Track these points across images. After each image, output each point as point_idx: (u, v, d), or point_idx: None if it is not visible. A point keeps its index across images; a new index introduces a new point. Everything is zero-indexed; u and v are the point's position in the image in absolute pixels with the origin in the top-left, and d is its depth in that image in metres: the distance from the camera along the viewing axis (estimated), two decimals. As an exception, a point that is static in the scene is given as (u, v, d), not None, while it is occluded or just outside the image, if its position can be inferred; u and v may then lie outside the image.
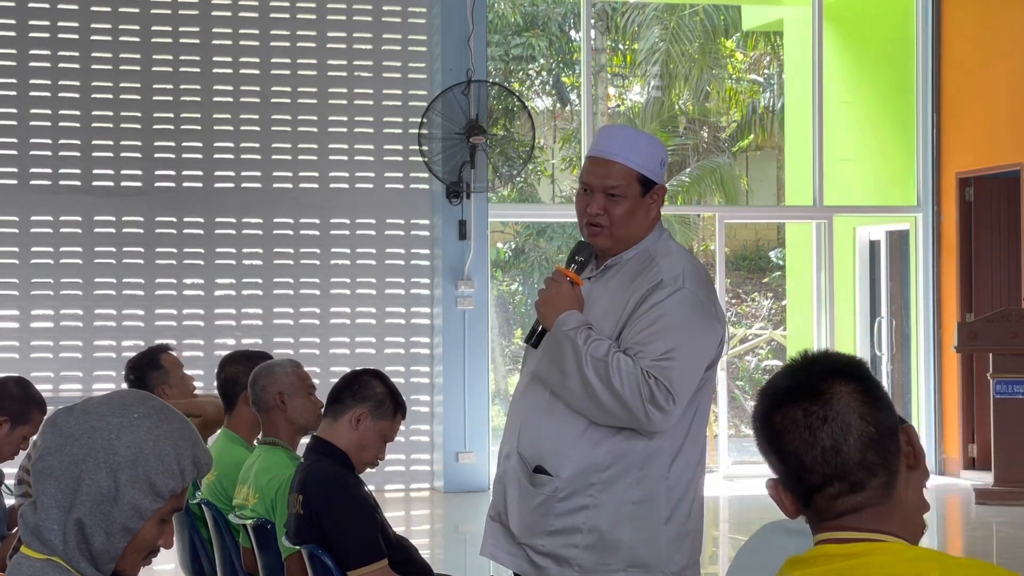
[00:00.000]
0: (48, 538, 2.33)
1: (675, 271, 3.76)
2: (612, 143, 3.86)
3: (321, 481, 4.29)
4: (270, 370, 4.98)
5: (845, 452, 2.12)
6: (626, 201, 3.81)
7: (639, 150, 3.83)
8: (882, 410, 2.15)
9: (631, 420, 3.67)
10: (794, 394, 2.16)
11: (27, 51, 11.18)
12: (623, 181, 3.81)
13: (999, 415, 10.80)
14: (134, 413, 2.38)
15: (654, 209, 3.86)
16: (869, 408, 2.14)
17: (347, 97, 11.72)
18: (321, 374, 10.77)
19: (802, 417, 2.14)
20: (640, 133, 4.01)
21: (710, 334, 3.76)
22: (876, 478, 2.14)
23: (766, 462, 2.23)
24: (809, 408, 2.14)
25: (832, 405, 2.13)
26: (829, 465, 2.13)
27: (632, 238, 3.85)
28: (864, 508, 2.15)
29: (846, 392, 2.14)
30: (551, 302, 3.79)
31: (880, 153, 13.70)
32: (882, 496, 2.15)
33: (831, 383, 2.15)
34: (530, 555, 3.79)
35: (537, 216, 17.80)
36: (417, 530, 10.36)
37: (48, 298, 11.11)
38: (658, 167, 3.85)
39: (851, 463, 2.13)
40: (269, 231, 11.52)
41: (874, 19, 13.83)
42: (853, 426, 2.13)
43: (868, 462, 2.13)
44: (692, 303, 3.73)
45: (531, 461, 3.80)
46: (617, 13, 20.21)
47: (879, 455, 2.14)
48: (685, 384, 3.67)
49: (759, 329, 20.13)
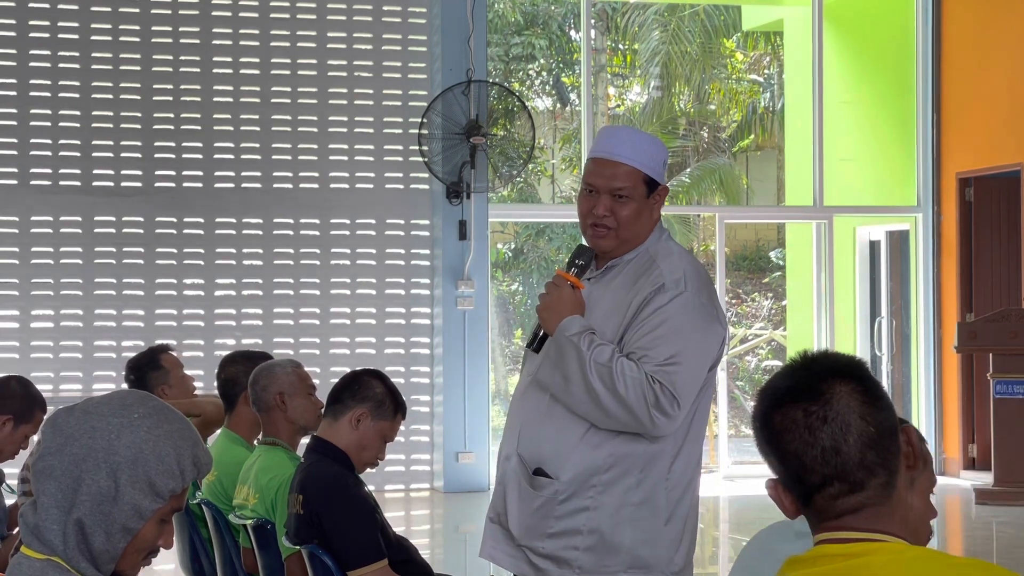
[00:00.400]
0: (48, 538, 2.33)
1: (677, 274, 3.75)
2: (617, 144, 3.84)
3: (321, 481, 4.29)
4: (270, 370, 4.98)
5: (845, 452, 2.12)
6: (632, 203, 3.80)
7: (644, 151, 3.82)
8: (882, 410, 2.16)
9: (636, 425, 3.66)
10: (794, 394, 2.16)
11: (27, 51, 11.18)
12: (630, 183, 3.79)
13: (999, 415, 10.80)
14: (134, 413, 2.38)
15: (656, 210, 3.86)
16: (869, 408, 2.14)
17: (347, 97, 11.72)
18: (321, 374, 10.77)
19: (802, 417, 2.14)
20: (642, 134, 4.00)
21: (712, 336, 3.76)
22: (876, 478, 2.14)
23: (766, 462, 2.23)
24: (809, 408, 2.14)
25: (832, 405, 2.13)
26: (829, 465, 2.13)
27: (636, 239, 3.85)
28: (864, 508, 2.15)
29: (846, 392, 2.14)
30: (553, 307, 3.78)
31: (880, 153, 13.70)
32: (882, 496, 2.15)
33: (831, 383, 2.15)
34: (530, 557, 3.79)
35: (537, 216, 17.79)
36: (417, 530, 10.36)
37: (48, 298, 11.11)
38: (661, 168, 3.84)
39: (851, 463, 2.13)
40: (269, 231, 11.52)
41: (874, 19, 13.83)
42: (853, 426, 2.13)
43: (868, 462, 2.13)
44: (694, 306, 3.73)
45: (531, 463, 3.79)
46: (617, 13, 20.21)
47: (879, 455, 2.14)
48: (689, 388, 3.68)
49: (759, 329, 20.13)
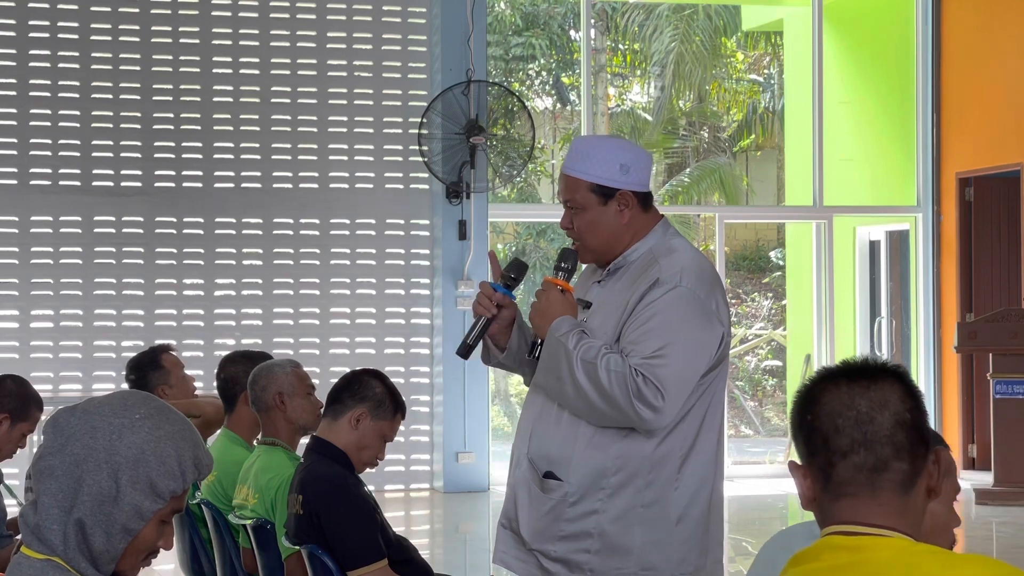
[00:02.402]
0: (48, 538, 2.33)
1: (674, 269, 3.72)
2: (570, 157, 3.89)
3: (321, 481, 4.29)
4: (270, 370, 4.98)
5: (878, 422, 2.18)
6: (585, 213, 3.83)
7: (593, 159, 3.81)
8: (921, 411, 2.22)
9: (623, 419, 3.65)
10: (844, 372, 2.24)
11: (27, 51, 11.17)
12: (576, 193, 3.83)
13: (999, 415, 10.80)
14: (136, 414, 2.38)
15: (626, 214, 3.82)
16: (909, 402, 2.21)
17: (347, 97, 11.71)
18: (321, 374, 10.77)
19: (845, 386, 2.22)
20: (601, 141, 3.98)
21: (708, 332, 3.71)
22: (899, 461, 2.17)
23: (795, 442, 2.29)
24: (854, 382, 2.22)
25: (877, 384, 2.21)
26: (860, 430, 2.18)
27: (610, 246, 3.85)
28: (880, 493, 2.17)
29: (891, 382, 2.22)
30: (543, 311, 3.81)
31: (880, 153, 13.70)
32: (900, 489, 2.17)
33: (882, 374, 2.23)
34: (541, 561, 3.79)
35: (537, 216, 17.79)
36: (417, 530, 10.36)
37: (48, 298, 11.11)
38: (617, 172, 3.80)
39: (881, 433, 2.17)
40: (269, 231, 11.52)
41: (874, 19, 13.83)
42: (891, 404, 2.19)
43: (897, 440, 2.17)
44: (688, 300, 3.69)
45: (541, 467, 3.80)
46: (617, 13, 20.22)
47: (908, 440, 2.18)
48: (677, 382, 3.63)
49: (759, 329, 20.13)
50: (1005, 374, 10.77)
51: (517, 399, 16.84)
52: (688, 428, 3.73)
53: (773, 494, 11.69)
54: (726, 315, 3.80)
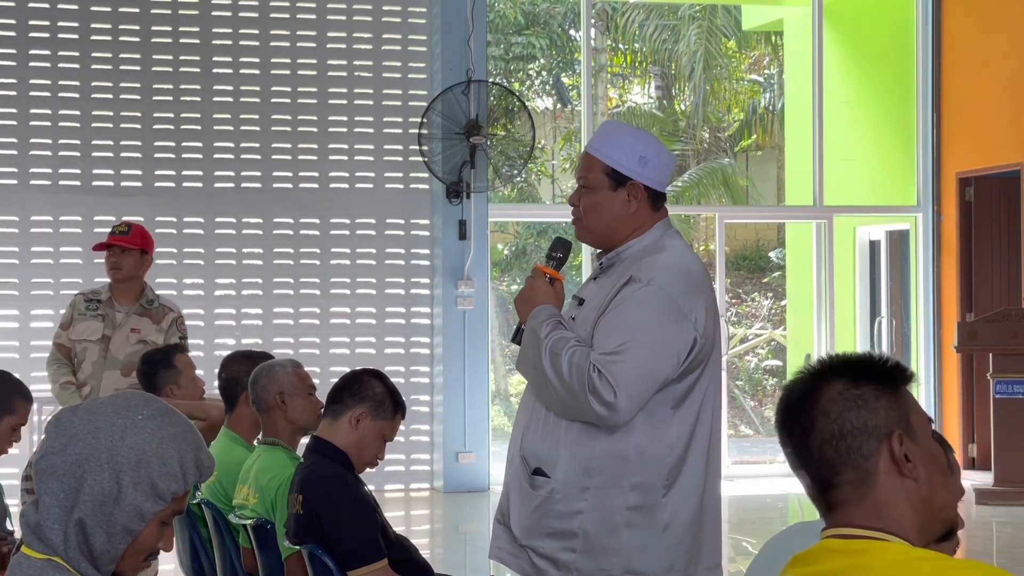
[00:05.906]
0: (49, 537, 2.33)
1: (652, 267, 3.69)
2: (596, 136, 3.88)
3: (321, 481, 4.29)
4: (270, 370, 4.98)
5: (808, 448, 2.21)
6: (594, 193, 3.81)
7: (615, 144, 3.80)
8: (858, 409, 2.19)
9: (581, 412, 3.62)
10: (783, 404, 2.27)
11: (27, 51, 11.18)
12: (591, 172, 3.82)
13: (999, 415, 10.80)
14: (138, 415, 2.38)
15: (634, 206, 3.79)
16: (842, 406, 2.19)
17: (347, 97, 11.71)
18: (321, 374, 10.76)
19: (782, 415, 2.26)
20: (628, 129, 3.94)
21: (675, 332, 3.63)
22: (840, 475, 2.18)
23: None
24: (789, 410, 2.25)
25: (808, 402, 2.21)
26: (795, 461, 2.24)
27: (609, 233, 3.83)
28: (846, 504, 2.18)
29: (825, 389, 2.21)
30: (526, 298, 3.82)
31: (880, 153, 13.70)
32: (857, 494, 2.18)
33: (816, 383, 2.23)
34: (532, 558, 3.78)
35: (537, 216, 17.79)
36: (417, 530, 10.36)
37: (48, 298, 11.10)
38: (635, 162, 3.78)
39: (813, 458, 2.20)
40: (269, 231, 11.52)
41: (874, 19, 13.83)
42: (817, 422, 2.20)
43: (827, 459, 2.19)
44: (657, 299, 3.64)
45: (531, 463, 3.79)
46: (617, 13, 20.22)
47: (839, 453, 2.18)
48: (634, 379, 3.57)
49: (759, 329, 20.12)
50: (1005, 374, 10.77)
51: (517, 399, 16.85)
52: (678, 433, 3.69)
53: (773, 494, 11.69)
54: (706, 322, 3.69)
